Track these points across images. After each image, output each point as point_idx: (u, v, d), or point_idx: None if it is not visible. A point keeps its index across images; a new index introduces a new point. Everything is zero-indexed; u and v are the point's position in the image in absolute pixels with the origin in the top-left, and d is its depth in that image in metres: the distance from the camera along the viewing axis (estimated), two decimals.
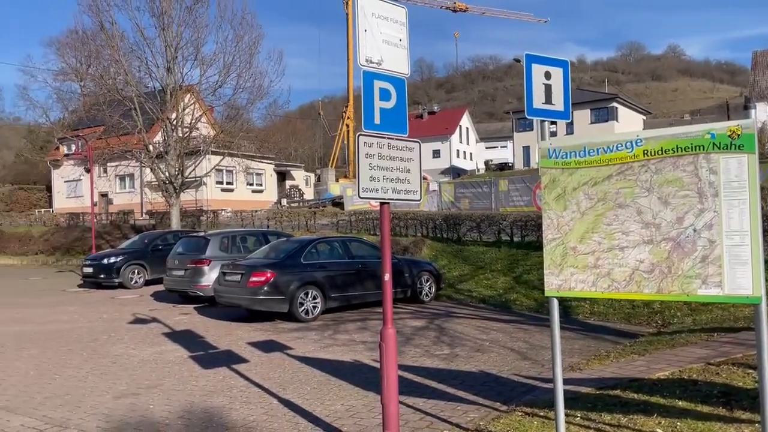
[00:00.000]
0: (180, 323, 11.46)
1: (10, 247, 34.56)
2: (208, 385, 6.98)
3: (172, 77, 22.35)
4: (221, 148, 26.80)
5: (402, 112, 4.83)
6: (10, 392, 6.79)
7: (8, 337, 10.32)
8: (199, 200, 37.17)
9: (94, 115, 25.80)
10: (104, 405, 6.24)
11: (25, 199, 48.77)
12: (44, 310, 13.78)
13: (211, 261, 13.65)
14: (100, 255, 19.04)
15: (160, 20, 21.46)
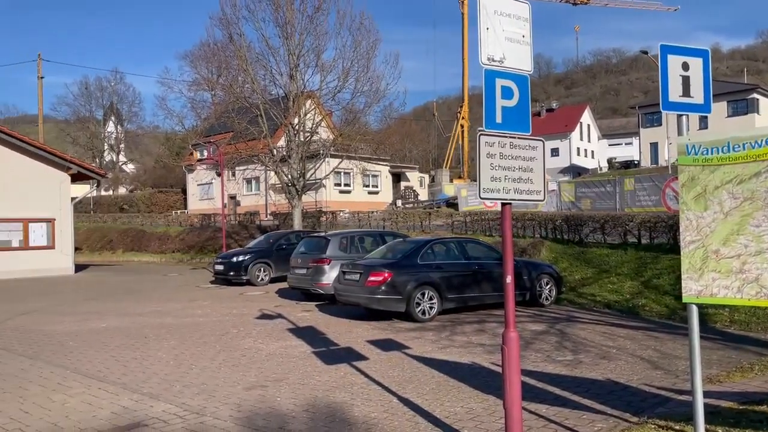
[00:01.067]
0: (303, 320, 11.91)
1: (151, 246, 37.67)
2: (331, 380, 7.19)
3: (295, 84, 23.32)
4: (340, 151, 27.59)
5: (525, 110, 4.71)
6: (154, 380, 7.36)
7: (151, 328, 11.23)
8: (319, 201, 38.50)
9: (223, 122, 27.52)
10: (236, 395, 6.61)
11: (164, 201, 52.91)
12: (181, 304, 14.86)
13: (331, 260, 14.09)
14: (230, 254, 20.23)
15: (284, 30, 22.46)
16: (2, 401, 6.42)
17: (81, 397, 6.56)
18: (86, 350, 9.21)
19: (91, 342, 9.89)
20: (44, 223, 25.03)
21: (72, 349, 9.28)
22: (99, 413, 5.97)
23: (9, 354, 8.98)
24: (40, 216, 24.90)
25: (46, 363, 8.30)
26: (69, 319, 12.58)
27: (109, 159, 70.24)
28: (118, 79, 73.32)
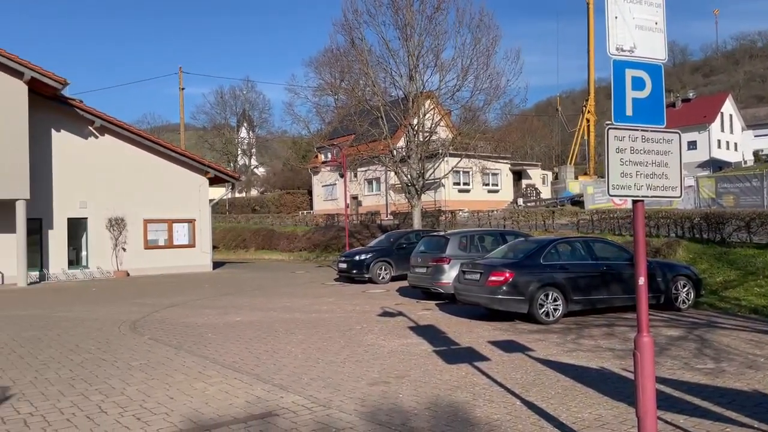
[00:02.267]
0: (423, 318, 11.99)
1: (280, 245, 39.63)
2: (452, 379, 7.18)
3: (414, 85, 23.54)
4: (459, 150, 27.47)
5: (659, 102, 4.43)
6: (284, 372, 7.73)
7: (281, 323, 11.81)
8: (438, 201, 38.55)
9: (346, 125, 28.36)
10: (360, 390, 6.78)
11: (291, 202, 55.46)
12: (308, 300, 15.50)
13: (451, 259, 14.06)
14: (353, 252, 20.80)
15: (404, 32, 22.74)
16: (151, 387, 7.03)
17: (219, 386, 7.03)
18: (223, 342, 9.86)
19: (227, 334, 10.58)
20: (186, 223, 27.13)
21: (211, 341, 9.97)
22: (235, 401, 6.37)
23: (157, 344, 9.81)
24: (183, 217, 27.01)
25: (189, 353, 8.98)
26: (208, 312, 13.54)
27: (242, 163, 74.79)
28: (250, 87, 78.08)
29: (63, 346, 9.67)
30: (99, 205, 24.67)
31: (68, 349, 9.46)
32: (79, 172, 24.27)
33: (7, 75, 21.22)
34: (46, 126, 23.44)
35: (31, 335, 10.83)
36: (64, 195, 23.94)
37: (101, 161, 24.82)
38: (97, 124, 24.54)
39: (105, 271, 24.81)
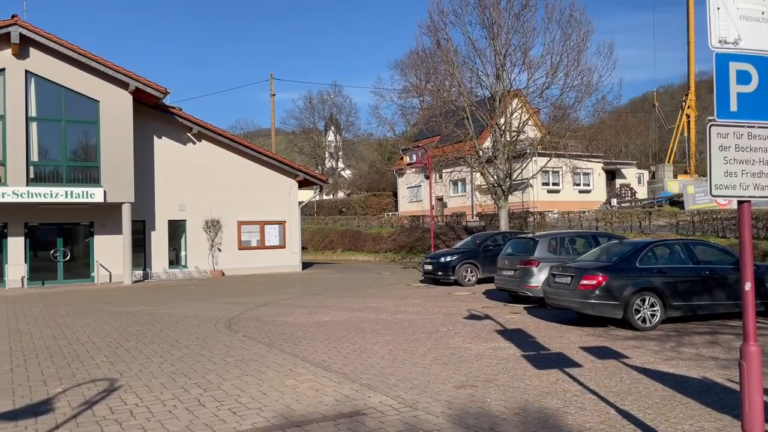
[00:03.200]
0: (511, 322, 11.78)
1: (366, 246, 40.16)
2: (542, 385, 7.01)
3: (501, 84, 23.19)
4: (548, 149, 26.79)
5: (766, 96, 4.14)
6: (371, 372, 7.82)
7: (368, 323, 11.97)
8: (526, 202, 37.74)
9: (431, 126, 28.33)
10: (446, 393, 6.75)
11: (377, 204, 56.05)
12: (393, 301, 15.61)
13: (540, 262, 13.74)
14: (438, 254, 20.75)
15: (490, 31, 22.47)
16: (245, 383, 7.32)
17: (309, 383, 7.22)
18: (312, 341, 10.11)
19: (316, 333, 10.84)
20: (277, 225, 28.04)
21: (301, 339, 10.25)
22: (324, 399, 6.52)
23: (250, 341, 10.20)
24: (274, 219, 27.95)
25: (280, 351, 9.27)
26: (298, 311, 13.93)
27: (329, 166, 76.38)
28: (337, 91, 79.75)
29: (165, 342, 10.24)
30: (197, 208, 25.97)
31: (169, 344, 10.01)
32: (179, 176, 25.66)
33: (114, 86, 22.77)
34: (148, 133, 24.94)
35: (135, 330, 11.55)
36: (164, 198, 25.39)
37: (198, 166, 26.12)
38: (195, 130, 25.85)
39: (202, 271, 26.07)
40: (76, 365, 8.45)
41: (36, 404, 6.51)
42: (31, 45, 21.51)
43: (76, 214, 23.62)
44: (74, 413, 6.14)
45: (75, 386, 7.26)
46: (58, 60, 21.94)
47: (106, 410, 6.24)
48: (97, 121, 22.62)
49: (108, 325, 12.35)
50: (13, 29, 20.71)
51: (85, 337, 10.81)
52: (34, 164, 21.74)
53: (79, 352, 9.40)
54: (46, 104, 22.04)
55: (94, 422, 5.83)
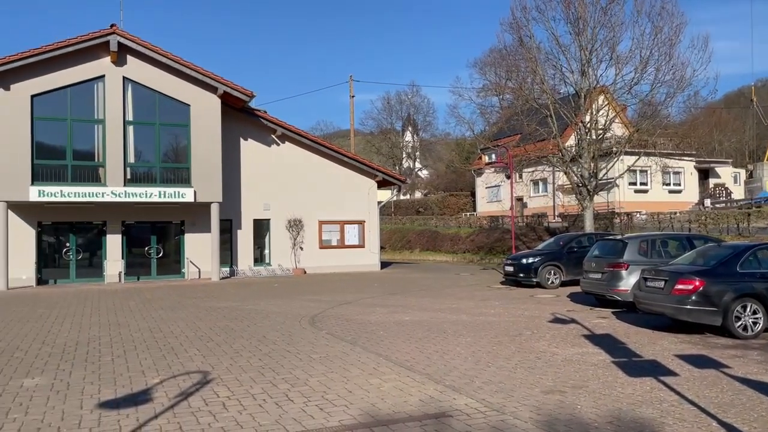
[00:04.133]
0: (598, 326, 11.36)
1: (443, 246, 39.96)
2: (635, 393, 6.71)
3: (586, 80, 22.46)
4: (635, 147, 25.72)
5: None
6: (454, 374, 7.74)
7: (449, 324, 11.88)
8: (611, 202, 36.39)
9: (512, 125, 27.82)
10: (533, 398, 6.58)
11: (454, 204, 55.65)
12: (473, 303, 15.42)
13: (630, 265, 13.19)
14: (519, 255, 20.33)
15: (575, 26, 21.82)
16: (331, 380, 7.41)
17: (393, 383, 7.22)
18: (394, 340, 10.13)
19: (398, 333, 10.86)
20: (356, 224, 28.37)
21: (383, 338, 10.30)
22: (409, 399, 6.50)
23: (334, 338, 10.34)
24: (353, 218, 28.29)
25: (363, 349, 9.35)
26: (379, 310, 14.01)
27: (406, 166, 76.57)
28: (415, 92, 79.67)
29: (252, 337, 10.56)
30: (280, 208, 26.68)
31: (257, 339, 10.31)
32: (263, 177, 26.45)
33: (204, 90, 23.74)
34: (235, 135, 25.85)
35: (224, 325, 11.98)
36: (250, 198, 26.24)
37: (282, 166, 26.83)
38: (279, 132, 26.56)
39: (285, 269, 26.75)
40: (171, 357, 8.85)
41: (136, 393, 6.86)
42: (128, 52, 22.77)
43: (169, 213, 24.80)
44: (171, 404, 6.41)
45: (171, 378, 7.59)
46: (152, 66, 23.12)
47: (200, 402, 6.48)
48: (188, 124, 23.67)
49: (199, 319, 12.87)
50: (112, 38, 22.00)
51: (179, 331, 11.31)
52: (130, 166, 23.00)
53: (173, 345, 9.84)
54: (141, 108, 23.27)
55: (189, 413, 6.07)
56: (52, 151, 22.05)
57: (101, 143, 22.57)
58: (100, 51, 22.34)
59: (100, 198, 22.16)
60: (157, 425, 5.67)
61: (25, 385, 7.30)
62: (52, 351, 9.49)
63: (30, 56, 20.98)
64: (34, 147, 21.45)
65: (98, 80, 22.49)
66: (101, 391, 6.99)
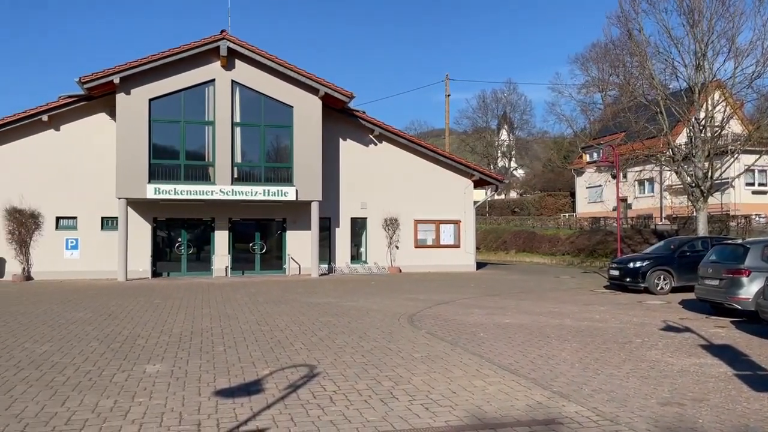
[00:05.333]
0: (716, 336, 10.65)
1: (541, 248, 38.94)
2: (763, 410, 6.21)
3: (701, 74, 21.13)
4: (755, 145, 23.90)
5: None
6: (561, 380, 7.50)
7: (551, 328, 11.54)
8: (725, 204, 34.06)
9: (618, 122, 26.63)
10: (650, 409, 6.25)
11: (552, 204, 54.10)
12: (576, 307, 14.90)
13: (752, 272, 12.26)
14: (626, 259, 19.43)
15: (690, 17, 20.58)
16: (434, 379, 7.40)
17: (497, 386, 7.10)
18: (495, 342, 9.97)
19: (498, 335, 10.68)
20: (452, 224, 28.21)
21: (483, 340, 10.16)
22: (515, 404, 6.36)
23: (433, 338, 10.32)
24: (449, 218, 28.15)
25: (464, 350, 9.26)
26: (477, 311, 13.85)
27: (501, 165, 75.31)
28: (511, 89, 78.15)
29: (353, 333, 10.74)
30: (376, 206, 27.01)
31: (358, 336, 10.48)
32: (360, 176, 26.87)
33: (306, 92, 24.45)
34: (334, 135, 26.43)
35: (326, 321, 12.26)
36: (348, 197, 26.75)
37: (378, 166, 27.14)
38: (376, 132, 26.88)
39: (381, 267, 27.05)
40: (278, 350, 9.16)
41: (248, 384, 7.15)
42: (236, 57, 23.84)
43: (271, 210, 25.75)
44: (281, 395, 6.63)
45: (279, 370, 7.86)
46: (258, 69, 24.08)
47: (308, 395, 6.66)
48: (290, 125, 24.46)
49: (301, 314, 13.26)
50: (222, 43, 23.11)
51: (284, 325, 11.70)
52: (237, 165, 24.08)
53: (279, 338, 10.18)
54: (248, 110, 24.31)
55: (299, 405, 6.25)
56: (167, 152, 23.50)
57: (211, 144, 23.77)
58: (210, 56, 23.54)
59: (209, 196, 23.35)
60: (269, 415, 5.88)
61: (148, 371, 7.81)
62: (170, 340, 10.09)
63: (148, 62, 22.45)
64: (151, 148, 22.94)
65: (209, 84, 23.71)
66: (216, 379, 7.35)
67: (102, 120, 24.03)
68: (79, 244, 23.89)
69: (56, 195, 23.56)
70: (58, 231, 23.77)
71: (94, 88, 22.46)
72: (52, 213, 23.66)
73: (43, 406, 6.16)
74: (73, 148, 23.77)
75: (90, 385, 7.02)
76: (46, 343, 9.75)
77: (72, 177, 23.69)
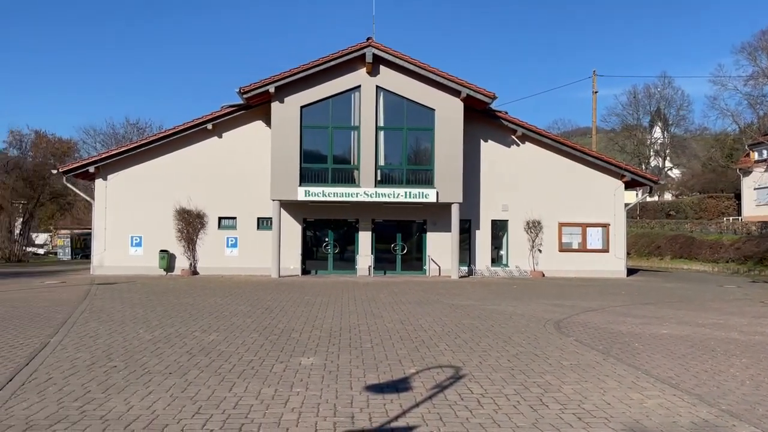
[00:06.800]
0: None
1: (701, 254, 35.95)
2: None
3: None
4: None
5: None
6: (730, 397, 6.88)
7: (716, 341, 10.61)
8: None
9: None
10: None
11: (714, 206, 49.69)
12: (745, 319, 13.57)
13: None
14: None
15: None
16: (585, 389, 7.09)
17: (657, 400, 6.66)
18: (652, 354, 9.35)
19: (655, 346, 10.00)
20: (600, 227, 26.89)
21: (639, 351, 9.58)
22: (678, 420, 5.93)
23: (583, 346, 9.90)
24: (596, 221, 26.86)
25: (617, 360, 8.79)
26: (629, 320, 13.08)
27: (654, 165, 70.46)
28: (666, 83, 72.66)
29: (497, 337, 10.60)
30: (518, 208, 26.46)
31: (502, 340, 10.33)
32: (502, 178, 26.47)
33: (447, 94, 24.56)
34: (475, 136, 26.27)
35: (469, 323, 12.22)
36: (488, 199, 26.46)
37: (521, 167, 26.57)
38: (519, 132, 26.34)
39: (522, 271, 26.44)
40: (423, 350, 9.28)
41: (396, 381, 7.32)
42: (381, 63, 24.52)
43: (412, 212, 26.15)
44: (428, 394, 6.71)
45: (425, 369, 7.96)
46: (401, 74, 24.58)
47: (455, 396, 6.68)
48: (432, 128, 24.70)
49: (444, 315, 13.33)
50: (368, 50, 23.89)
51: (427, 325, 11.83)
52: (380, 168, 24.76)
53: (423, 338, 10.32)
54: (391, 115, 24.90)
55: (447, 405, 6.29)
56: (316, 156, 24.73)
57: (356, 148, 24.65)
58: (357, 63, 24.42)
59: (354, 198, 24.23)
60: (418, 413, 5.98)
61: (303, 363, 8.26)
62: (321, 334, 10.60)
63: (300, 72, 23.77)
64: (301, 152, 24.27)
65: (355, 90, 24.61)
66: (366, 375, 7.60)
67: (258, 127, 25.82)
68: (238, 243, 25.84)
69: (218, 197, 25.70)
70: (220, 230, 25.89)
71: (252, 98, 24.18)
72: (215, 213, 25.82)
73: (213, 390, 6.75)
74: (233, 154, 25.79)
75: (252, 374, 7.57)
76: (213, 332, 10.67)
77: (232, 180, 25.70)
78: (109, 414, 5.84)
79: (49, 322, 11.77)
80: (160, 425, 5.51)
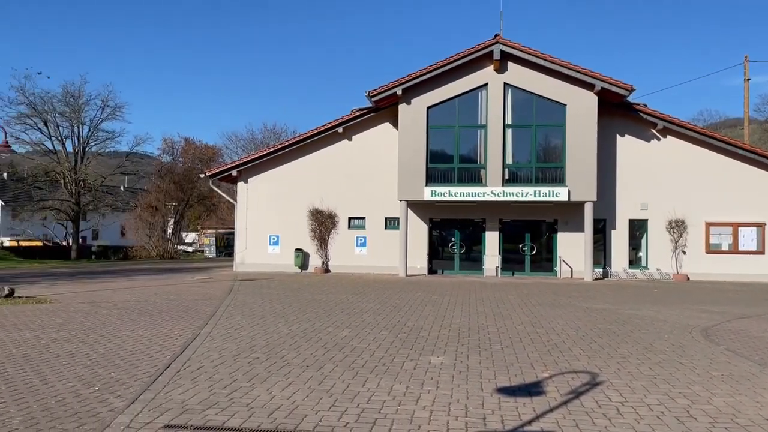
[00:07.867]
0: None
1: None
2: None
3: None
4: None
5: None
6: None
7: None
8: None
9: None
10: None
11: None
12: None
13: None
14: None
15: None
16: (739, 402, 6.51)
17: None
18: None
19: None
20: (754, 227, 24.57)
21: None
22: None
23: (736, 356, 9.09)
24: (750, 220, 24.56)
25: None
26: None
27: None
28: None
29: (637, 343, 10.01)
30: (659, 207, 24.83)
31: (643, 347, 9.73)
32: (640, 175, 24.97)
33: (580, 88, 23.59)
34: (610, 131, 24.99)
35: (605, 328, 11.65)
36: (625, 197, 25.07)
37: (662, 163, 24.92)
38: (660, 126, 24.71)
39: (664, 273, 24.77)
40: (556, 354, 8.99)
41: (528, 384, 7.15)
42: (509, 59, 24.06)
43: (542, 211, 25.40)
44: (563, 400, 6.49)
45: (559, 374, 7.70)
46: (531, 69, 23.96)
47: (592, 403, 6.40)
48: (563, 124, 23.84)
49: (578, 319, 12.82)
50: (495, 47, 23.54)
51: (559, 329, 11.44)
52: (507, 167, 24.30)
53: (556, 342, 9.99)
54: (519, 112, 24.36)
55: (583, 412, 6.04)
56: (442, 156, 24.77)
57: (483, 147, 24.39)
58: (484, 61, 24.15)
59: (480, 197, 23.99)
60: (553, 419, 5.80)
61: (432, 362, 8.31)
62: (449, 334, 10.61)
63: (425, 73, 23.93)
64: (428, 153, 24.42)
65: (481, 88, 24.36)
66: (496, 376, 7.50)
67: (386, 129, 26.32)
68: (367, 242, 26.51)
69: (348, 197, 26.52)
70: (350, 230, 26.70)
71: (380, 101, 24.70)
72: (346, 214, 26.68)
73: (348, 385, 6.98)
74: (362, 156, 26.50)
75: (384, 370, 7.74)
76: (345, 329, 11.03)
77: (361, 181, 26.42)
78: (254, 402, 6.23)
79: (199, 314, 12.79)
80: (299, 415, 5.80)
